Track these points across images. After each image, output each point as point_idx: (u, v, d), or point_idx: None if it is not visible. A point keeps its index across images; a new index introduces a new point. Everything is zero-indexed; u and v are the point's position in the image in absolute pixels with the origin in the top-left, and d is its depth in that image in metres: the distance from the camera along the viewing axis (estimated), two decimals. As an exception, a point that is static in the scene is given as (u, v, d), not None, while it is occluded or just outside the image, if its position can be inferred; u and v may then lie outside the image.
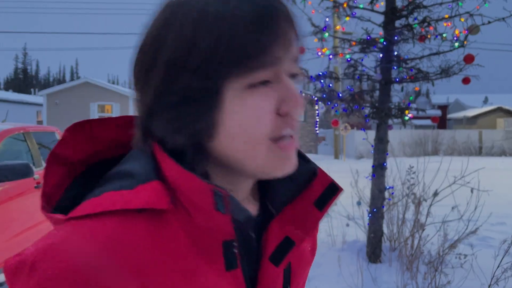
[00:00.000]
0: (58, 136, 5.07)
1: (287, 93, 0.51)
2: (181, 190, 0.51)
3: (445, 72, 4.06)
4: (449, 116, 38.85)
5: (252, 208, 0.60)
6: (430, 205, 4.05)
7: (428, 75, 4.09)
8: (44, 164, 4.41)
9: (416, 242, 4.17)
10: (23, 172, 3.52)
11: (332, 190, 0.61)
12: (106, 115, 27.65)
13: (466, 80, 4.12)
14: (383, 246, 4.53)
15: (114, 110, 27.51)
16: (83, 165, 0.58)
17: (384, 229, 4.56)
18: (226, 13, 0.48)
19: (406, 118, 3.99)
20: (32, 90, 48.86)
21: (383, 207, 4.34)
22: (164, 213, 0.50)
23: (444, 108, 40.29)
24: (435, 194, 3.81)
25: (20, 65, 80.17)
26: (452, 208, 3.79)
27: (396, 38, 3.89)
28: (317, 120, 28.81)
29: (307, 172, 0.61)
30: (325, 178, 0.61)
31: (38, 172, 4.21)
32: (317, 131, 29.22)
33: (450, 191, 4.18)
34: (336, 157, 22.55)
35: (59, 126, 21.91)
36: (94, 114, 27.34)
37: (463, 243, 4.07)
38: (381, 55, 3.89)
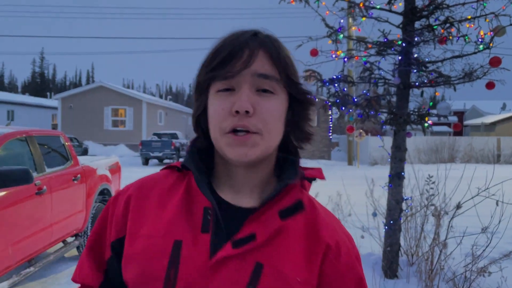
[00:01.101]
0: (63, 141, 4.93)
1: (237, 98, 0.71)
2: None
3: (468, 76, 3.80)
4: (466, 122, 38.06)
5: (249, 201, 0.78)
6: (452, 218, 3.79)
7: (450, 80, 3.83)
8: (47, 170, 4.26)
9: (436, 256, 3.90)
10: (22, 178, 3.37)
11: (298, 206, 0.76)
12: (119, 119, 27.77)
13: (490, 85, 3.85)
14: (400, 260, 4.27)
15: (127, 114, 27.57)
16: None
17: (400, 242, 4.30)
18: (215, 45, 0.76)
19: (426, 125, 3.74)
20: (48, 93, 49.50)
21: (400, 219, 4.09)
22: (185, 175, 0.82)
23: (460, 114, 39.55)
24: (458, 206, 3.54)
25: (37, 69, 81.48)
26: (482, 229, 3.49)
27: (416, 39, 3.65)
28: (330, 125, 28.49)
29: (283, 184, 0.76)
30: (294, 195, 0.76)
31: (40, 178, 4.07)
32: (330, 137, 28.88)
33: (472, 203, 3.91)
34: (350, 163, 22.19)
35: (73, 129, 21.96)
36: (108, 118, 27.47)
37: (488, 258, 3.79)
38: (399, 58, 3.65)
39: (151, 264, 0.72)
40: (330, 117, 26.80)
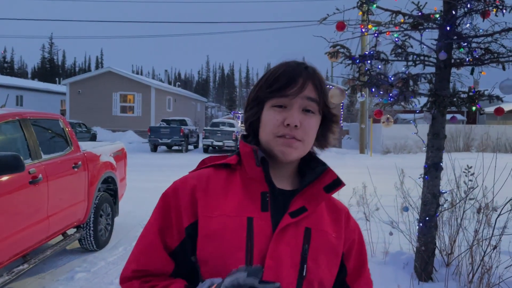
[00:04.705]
0: (63, 125, 4.53)
1: (289, 115, 0.97)
2: (242, 153, 1.03)
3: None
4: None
5: (290, 185, 1.04)
6: (499, 215, 3.33)
7: (499, 57, 3.33)
8: (43, 156, 3.87)
9: (478, 257, 3.46)
10: (11, 165, 2.98)
11: (337, 183, 1.03)
12: (128, 105, 27.42)
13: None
14: (434, 261, 3.82)
15: (136, 100, 27.22)
16: None
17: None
18: (273, 71, 1.01)
19: (474, 108, 3.27)
20: (57, 79, 49.27)
21: (436, 215, 3.63)
22: (235, 170, 1.03)
23: (475, 102, 38.42)
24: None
25: (46, 55, 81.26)
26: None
27: (469, 7, 3.15)
28: (342, 113, 27.90)
29: (322, 169, 1.03)
30: (333, 175, 1.03)
31: (35, 165, 3.67)
32: (342, 125, 28.29)
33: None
34: (362, 151, 21.64)
35: (81, 115, 21.69)
36: (116, 104, 27.14)
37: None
38: (447, 29, 3.15)
39: (232, 237, 0.92)
40: (341, 104, 26.20)
